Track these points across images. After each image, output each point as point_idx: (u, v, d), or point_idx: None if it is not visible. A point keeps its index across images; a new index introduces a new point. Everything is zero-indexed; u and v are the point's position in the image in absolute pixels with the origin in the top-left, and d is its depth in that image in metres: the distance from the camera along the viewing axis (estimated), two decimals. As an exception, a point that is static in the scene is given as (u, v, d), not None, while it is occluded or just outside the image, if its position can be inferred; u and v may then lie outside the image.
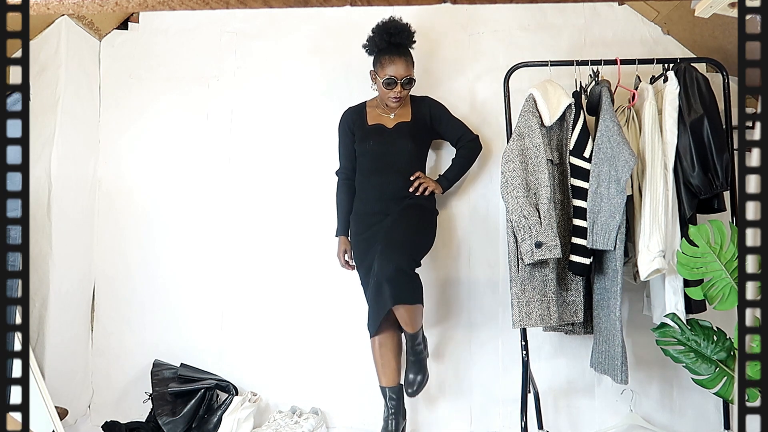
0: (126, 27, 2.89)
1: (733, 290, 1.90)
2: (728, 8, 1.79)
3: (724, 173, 2.12)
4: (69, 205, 2.60)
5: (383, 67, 2.38)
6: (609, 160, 2.07)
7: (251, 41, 2.86)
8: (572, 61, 2.35)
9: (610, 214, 2.07)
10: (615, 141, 2.06)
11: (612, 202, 2.06)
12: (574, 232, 2.20)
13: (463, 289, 2.72)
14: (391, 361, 2.34)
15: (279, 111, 2.83)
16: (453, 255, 2.74)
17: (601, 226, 2.10)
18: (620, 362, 2.08)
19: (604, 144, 2.10)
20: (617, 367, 2.09)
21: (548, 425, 2.47)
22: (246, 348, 2.75)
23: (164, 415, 2.46)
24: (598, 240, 2.11)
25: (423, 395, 2.44)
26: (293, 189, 2.79)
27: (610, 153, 2.07)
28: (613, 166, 2.06)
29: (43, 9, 1.31)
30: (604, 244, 2.09)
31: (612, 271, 2.14)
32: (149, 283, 2.78)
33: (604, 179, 2.09)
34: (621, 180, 2.03)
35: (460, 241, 2.74)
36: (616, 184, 2.04)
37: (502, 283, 2.68)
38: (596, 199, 2.12)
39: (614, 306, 2.12)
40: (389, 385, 2.33)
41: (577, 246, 2.19)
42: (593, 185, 2.14)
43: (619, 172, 2.03)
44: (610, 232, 2.07)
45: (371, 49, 2.45)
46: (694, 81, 2.17)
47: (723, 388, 1.99)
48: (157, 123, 2.84)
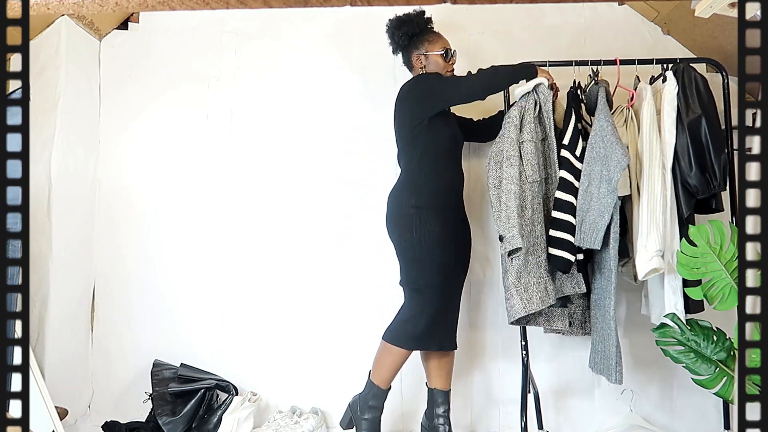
0: (126, 27, 2.89)
1: (733, 290, 1.90)
2: (728, 8, 1.79)
3: (722, 173, 2.13)
4: (69, 205, 2.60)
5: (433, 43, 2.38)
6: (601, 160, 2.07)
7: (251, 41, 2.86)
8: (572, 61, 2.35)
9: (599, 213, 2.06)
10: (608, 141, 2.05)
11: (602, 202, 2.05)
12: (556, 224, 2.18)
13: (464, 289, 2.72)
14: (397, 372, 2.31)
15: (279, 111, 2.83)
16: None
17: (589, 225, 2.09)
18: (614, 362, 2.07)
19: (597, 143, 2.09)
20: (611, 367, 2.08)
21: (548, 425, 2.47)
22: (246, 348, 2.75)
23: (164, 415, 2.46)
24: (586, 238, 2.10)
25: (423, 395, 2.44)
26: (293, 189, 2.79)
27: (603, 152, 2.06)
28: (605, 166, 2.05)
29: (43, 9, 1.31)
30: (591, 243, 2.08)
31: (607, 271, 2.13)
32: (149, 283, 2.78)
33: (595, 178, 2.09)
34: (612, 180, 2.01)
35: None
36: (607, 184, 2.04)
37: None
38: (586, 198, 2.12)
39: (608, 305, 2.11)
40: (386, 387, 2.31)
41: (558, 240, 2.16)
42: (584, 183, 2.13)
43: (611, 172, 2.02)
44: (598, 232, 2.06)
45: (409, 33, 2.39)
46: (692, 81, 2.18)
47: (723, 388, 1.99)
48: (156, 123, 2.84)
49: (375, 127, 2.74)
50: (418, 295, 2.23)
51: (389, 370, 2.27)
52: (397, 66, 2.76)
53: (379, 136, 2.72)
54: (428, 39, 2.38)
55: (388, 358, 2.25)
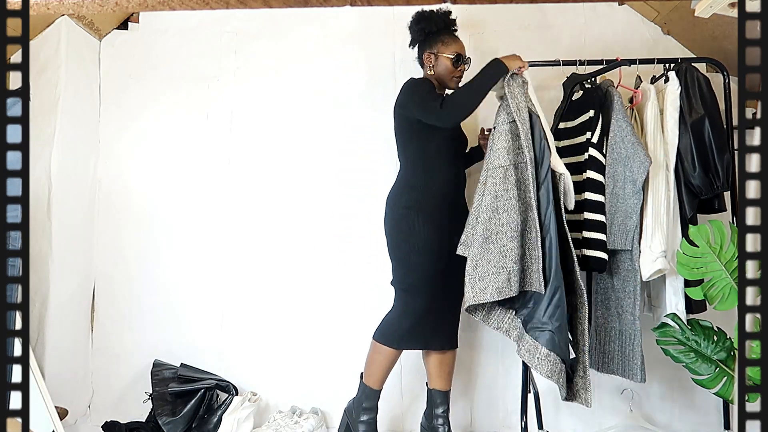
0: (126, 27, 2.89)
1: (733, 290, 1.90)
2: (728, 8, 1.79)
3: (725, 173, 2.13)
4: (69, 205, 2.60)
5: (447, 45, 2.30)
6: (623, 161, 2.08)
7: (251, 41, 2.86)
8: (572, 61, 2.35)
9: (626, 214, 2.09)
10: (629, 142, 2.07)
11: (627, 203, 2.08)
12: (589, 226, 2.14)
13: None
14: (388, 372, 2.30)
15: (279, 111, 2.83)
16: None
17: (618, 227, 2.11)
18: (639, 362, 2.10)
19: (618, 144, 2.10)
20: (636, 366, 2.10)
21: (548, 425, 2.47)
22: (246, 348, 2.75)
23: (164, 415, 2.46)
24: (617, 240, 2.11)
25: (423, 395, 2.44)
26: (293, 189, 2.79)
27: (625, 154, 2.08)
28: (627, 167, 2.07)
29: (43, 9, 1.31)
30: (622, 245, 2.10)
31: (624, 272, 2.14)
32: (149, 283, 2.78)
33: (620, 179, 2.10)
34: (637, 181, 2.04)
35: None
36: (632, 185, 2.06)
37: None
38: (613, 200, 2.13)
39: (630, 307, 2.12)
40: (378, 388, 2.30)
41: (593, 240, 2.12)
42: (609, 185, 2.13)
43: (634, 173, 2.04)
44: (627, 233, 2.08)
45: (425, 30, 2.34)
46: (695, 81, 2.18)
47: (723, 388, 1.99)
48: (157, 123, 2.84)
49: (375, 128, 2.74)
50: (405, 294, 2.23)
51: (379, 370, 2.27)
52: (397, 66, 2.76)
53: (379, 136, 2.72)
54: (443, 40, 2.31)
55: (378, 357, 2.26)
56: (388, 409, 2.62)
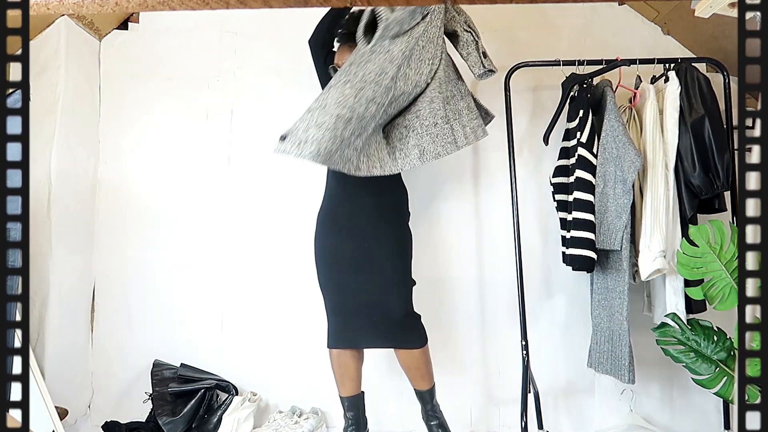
0: (126, 27, 2.89)
1: (733, 290, 1.90)
2: (728, 8, 1.79)
3: (725, 173, 2.13)
4: (69, 205, 2.60)
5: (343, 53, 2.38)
6: (615, 160, 2.08)
7: (251, 41, 2.86)
8: (572, 61, 2.35)
9: (616, 214, 2.08)
10: (620, 141, 2.06)
11: (618, 202, 2.07)
12: (577, 225, 2.16)
13: (463, 289, 2.72)
14: (351, 370, 2.24)
15: (279, 111, 2.83)
16: (451, 255, 2.74)
17: (607, 226, 2.11)
18: (627, 362, 2.09)
19: (609, 144, 2.11)
20: (624, 367, 2.10)
21: (548, 425, 2.47)
22: (246, 348, 2.75)
23: (164, 415, 2.46)
24: (605, 240, 2.11)
25: (423, 395, 2.44)
26: (293, 189, 2.79)
27: (616, 153, 2.08)
28: (618, 167, 2.07)
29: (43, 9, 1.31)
30: (610, 244, 2.10)
31: (615, 271, 2.14)
32: (149, 283, 2.78)
33: (610, 179, 2.10)
34: (627, 180, 2.04)
35: (456, 241, 2.74)
36: (623, 185, 2.05)
37: (503, 283, 2.67)
38: (603, 199, 2.12)
39: (620, 306, 2.12)
40: (348, 394, 2.25)
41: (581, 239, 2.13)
42: (599, 185, 2.14)
43: (625, 173, 2.04)
44: (616, 232, 2.08)
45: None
46: (695, 81, 2.18)
47: (723, 388, 1.99)
48: (157, 123, 2.84)
49: (375, 127, 2.74)
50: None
51: (335, 375, 2.26)
52: (397, 66, 2.76)
53: (379, 136, 2.72)
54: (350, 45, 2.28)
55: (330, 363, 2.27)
56: (388, 409, 2.62)
